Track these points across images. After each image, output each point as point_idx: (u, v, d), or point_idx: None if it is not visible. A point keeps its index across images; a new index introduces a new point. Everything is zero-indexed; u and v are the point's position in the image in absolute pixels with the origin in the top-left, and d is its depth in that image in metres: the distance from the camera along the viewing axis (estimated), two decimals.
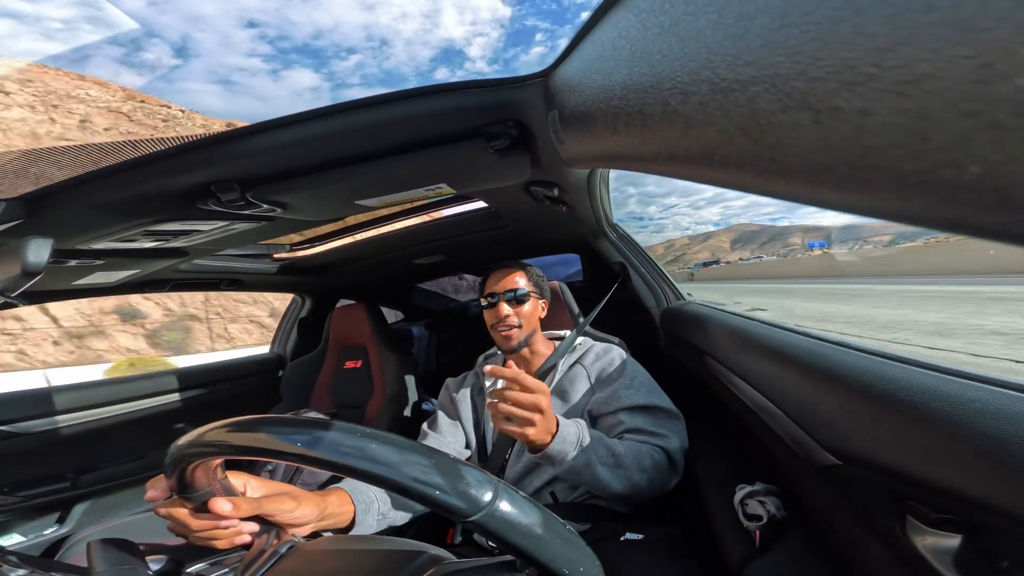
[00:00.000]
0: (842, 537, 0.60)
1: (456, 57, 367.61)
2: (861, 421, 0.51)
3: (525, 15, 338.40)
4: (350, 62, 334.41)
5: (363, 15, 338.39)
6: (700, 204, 67.18)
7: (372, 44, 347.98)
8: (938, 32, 0.13)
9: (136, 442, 1.53)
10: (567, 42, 0.50)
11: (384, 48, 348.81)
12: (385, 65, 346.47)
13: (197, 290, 1.63)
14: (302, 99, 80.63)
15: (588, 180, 1.03)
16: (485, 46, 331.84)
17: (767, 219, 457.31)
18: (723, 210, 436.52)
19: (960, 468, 0.40)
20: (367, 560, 0.42)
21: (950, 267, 18.88)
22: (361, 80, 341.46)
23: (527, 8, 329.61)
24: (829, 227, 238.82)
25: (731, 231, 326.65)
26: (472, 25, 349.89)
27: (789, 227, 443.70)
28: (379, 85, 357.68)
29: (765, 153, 0.22)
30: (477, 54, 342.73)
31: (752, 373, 0.78)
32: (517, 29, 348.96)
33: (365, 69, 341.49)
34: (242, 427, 0.36)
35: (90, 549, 0.42)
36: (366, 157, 0.75)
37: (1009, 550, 0.40)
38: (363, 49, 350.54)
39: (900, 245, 71.85)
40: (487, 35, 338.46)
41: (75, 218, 0.79)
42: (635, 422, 0.89)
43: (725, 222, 26.81)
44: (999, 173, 0.13)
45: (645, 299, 1.45)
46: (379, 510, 0.77)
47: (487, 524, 0.32)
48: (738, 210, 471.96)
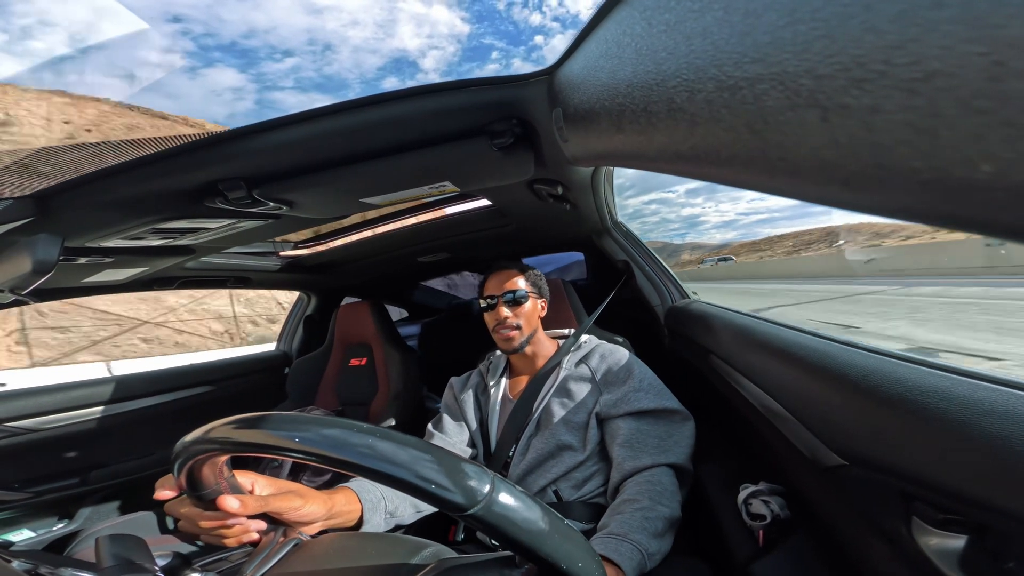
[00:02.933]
0: (847, 537, 0.60)
1: (407, 68, 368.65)
2: (868, 421, 0.51)
3: (483, 33, 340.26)
4: (285, 64, 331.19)
5: (308, 19, 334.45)
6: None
7: (313, 48, 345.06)
8: (949, 28, 0.13)
9: (144, 439, 1.54)
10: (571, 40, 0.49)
11: (327, 53, 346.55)
12: (326, 70, 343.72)
13: (204, 287, 1.65)
14: (220, 99, 77.73)
15: (592, 178, 1.02)
16: (439, 59, 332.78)
17: (674, 235, 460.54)
18: (640, 225, 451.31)
19: (967, 469, 0.40)
20: (369, 556, 0.43)
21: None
22: (295, 83, 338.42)
23: (486, 27, 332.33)
24: (732, 242, 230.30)
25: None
26: (428, 38, 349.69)
27: (682, 244, 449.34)
28: (315, 90, 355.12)
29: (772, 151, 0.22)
30: (430, 66, 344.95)
31: (758, 372, 0.77)
32: (474, 46, 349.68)
33: (301, 72, 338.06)
34: (246, 424, 0.36)
35: (98, 545, 0.42)
36: (371, 155, 0.75)
37: (1015, 551, 0.39)
38: (302, 53, 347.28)
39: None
40: (443, 49, 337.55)
41: (84, 216, 0.80)
42: (642, 429, 0.89)
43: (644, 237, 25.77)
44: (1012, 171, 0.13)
45: (649, 297, 1.44)
46: (386, 509, 0.77)
47: (484, 518, 0.32)
48: (651, 225, 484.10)
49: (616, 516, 0.76)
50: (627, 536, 0.71)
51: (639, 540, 0.70)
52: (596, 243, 1.67)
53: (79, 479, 1.40)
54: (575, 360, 1.05)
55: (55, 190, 0.72)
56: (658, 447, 0.87)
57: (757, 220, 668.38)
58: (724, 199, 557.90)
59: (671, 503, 0.78)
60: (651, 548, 0.70)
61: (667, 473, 0.84)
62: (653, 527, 0.73)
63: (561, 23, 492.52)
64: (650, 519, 0.74)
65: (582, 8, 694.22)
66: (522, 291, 1.06)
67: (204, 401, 1.71)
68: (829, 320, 7.84)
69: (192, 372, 1.72)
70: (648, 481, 0.82)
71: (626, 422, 0.91)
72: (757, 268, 39.25)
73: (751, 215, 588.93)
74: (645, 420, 0.91)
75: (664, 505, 0.77)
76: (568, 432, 0.94)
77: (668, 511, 0.76)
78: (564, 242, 1.87)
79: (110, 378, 1.54)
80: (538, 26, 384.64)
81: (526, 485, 0.92)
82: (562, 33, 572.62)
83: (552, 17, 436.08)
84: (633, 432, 0.89)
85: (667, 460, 0.85)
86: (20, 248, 0.77)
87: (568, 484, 0.91)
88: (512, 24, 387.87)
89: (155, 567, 0.43)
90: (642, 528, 0.73)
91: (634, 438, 0.88)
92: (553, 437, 0.94)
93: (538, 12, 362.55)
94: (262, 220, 0.98)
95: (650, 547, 0.70)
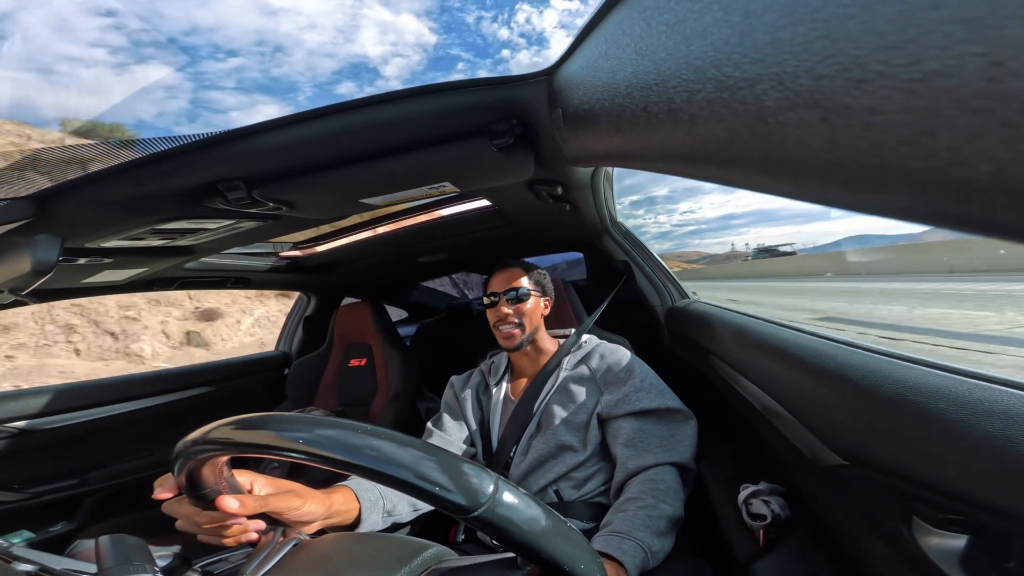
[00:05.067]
0: (847, 537, 0.60)
1: (366, 74, 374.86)
2: (867, 421, 0.51)
3: (450, 44, 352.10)
4: (228, 64, 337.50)
5: (260, 19, 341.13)
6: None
7: (262, 50, 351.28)
8: (948, 29, 0.13)
9: (143, 439, 1.54)
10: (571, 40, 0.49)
11: (277, 55, 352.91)
12: (274, 72, 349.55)
13: (204, 288, 1.65)
14: (149, 96, 76.29)
15: (592, 178, 1.02)
16: (403, 67, 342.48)
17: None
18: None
19: (967, 469, 0.40)
20: (370, 557, 0.43)
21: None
22: (237, 84, 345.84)
23: (453, 39, 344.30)
24: (667, 252, 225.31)
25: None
26: (393, 46, 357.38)
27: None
28: (259, 91, 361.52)
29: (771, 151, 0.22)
30: (392, 74, 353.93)
31: (758, 373, 0.77)
32: (440, 56, 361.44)
33: (245, 73, 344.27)
34: (247, 425, 0.36)
35: (98, 545, 0.42)
36: (371, 155, 0.75)
37: (1015, 551, 0.39)
38: (249, 53, 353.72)
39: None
40: (407, 57, 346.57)
41: (84, 216, 0.80)
42: (645, 429, 0.89)
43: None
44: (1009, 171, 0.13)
45: (649, 297, 1.44)
46: (384, 507, 0.77)
47: (488, 519, 0.32)
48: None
49: (619, 514, 0.76)
50: (630, 534, 0.71)
51: (642, 538, 0.70)
52: (596, 243, 1.67)
53: (79, 480, 1.40)
54: (575, 360, 1.05)
55: (55, 191, 0.72)
56: (661, 446, 0.87)
57: (688, 232, 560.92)
58: (662, 211, 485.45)
59: (674, 502, 0.78)
60: (654, 546, 0.70)
61: (670, 472, 0.84)
62: (656, 525, 0.73)
63: (527, 39, 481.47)
64: (653, 517, 0.74)
65: (547, 26, 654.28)
66: (524, 289, 1.06)
67: (204, 402, 1.71)
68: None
69: (192, 373, 1.72)
70: (651, 480, 0.82)
71: (628, 422, 0.91)
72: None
73: (684, 226, 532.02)
74: (647, 419, 0.91)
75: (667, 504, 0.77)
76: (568, 432, 0.94)
77: (671, 509, 0.76)
78: (564, 242, 1.87)
79: (110, 378, 1.54)
80: (505, 40, 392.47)
81: (527, 485, 0.93)
82: (527, 49, 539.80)
83: (519, 33, 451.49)
84: (636, 431, 0.89)
85: (670, 459, 0.85)
86: (20, 249, 0.77)
87: (569, 484, 0.91)
88: (480, 37, 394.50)
89: (155, 568, 0.43)
90: (645, 526, 0.73)
91: (637, 437, 0.89)
92: (554, 437, 0.94)
93: (506, 27, 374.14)
94: (262, 221, 0.98)
95: (653, 545, 0.70)
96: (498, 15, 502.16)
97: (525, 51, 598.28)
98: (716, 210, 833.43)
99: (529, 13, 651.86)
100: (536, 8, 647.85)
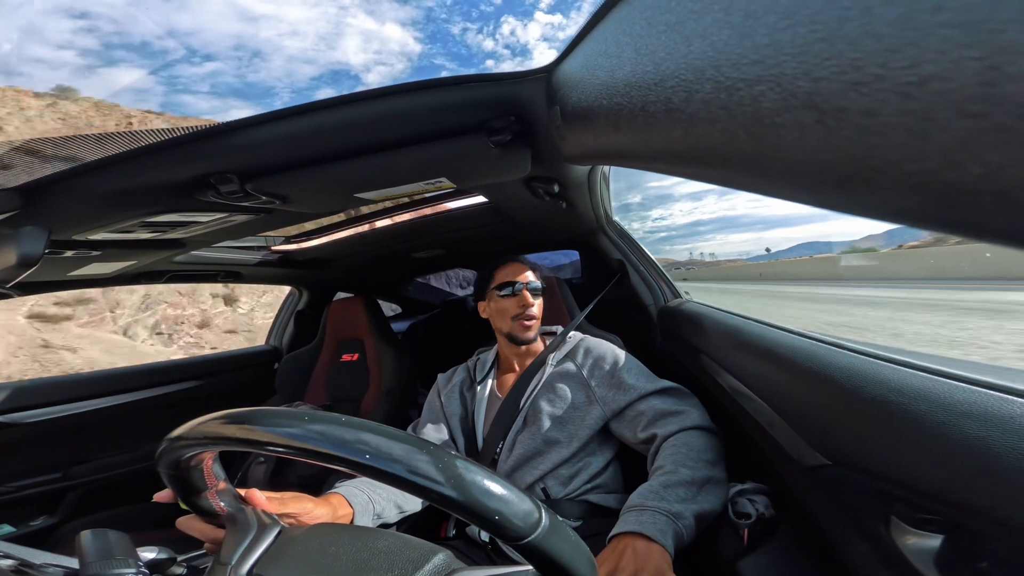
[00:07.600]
0: (829, 536, 0.60)
1: (347, 80, 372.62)
2: (851, 422, 0.52)
3: (435, 54, 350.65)
4: (203, 68, 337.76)
5: (239, 25, 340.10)
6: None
7: (240, 55, 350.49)
8: (948, 33, 0.13)
9: (129, 434, 1.52)
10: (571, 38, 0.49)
11: (255, 61, 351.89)
12: (251, 77, 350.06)
13: (194, 282, 1.62)
14: (117, 99, 73.30)
15: (589, 177, 1.02)
16: (385, 75, 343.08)
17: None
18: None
19: (944, 470, 0.40)
20: (377, 559, 0.40)
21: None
22: (210, 88, 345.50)
23: (438, 48, 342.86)
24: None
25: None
26: (376, 54, 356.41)
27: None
28: (232, 95, 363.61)
29: (768, 152, 0.22)
30: (374, 81, 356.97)
31: (745, 372, 0.78)
32: (424, 65, 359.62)
33: (220, 78, 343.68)
34: (250, 420, 0.35)
35: (80, 540, 0.41)
36: (366, 150, 0.74)
37: (988, 551, 0.40)
38: (226, 58, 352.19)
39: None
40: (391, 66, 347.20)
41: (71, 209, 0.78)
42: (658, 406, 0.90)
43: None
44: (1000, 175, 0.13)
45: (643, 296, 1.45)
46: (374, 511, 0.78)
47: (540, 546, 0.32)
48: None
49: (640, 488, 0.77)
50: (644, 505, 0.71)
51: (656, 505, 0.70)
52: (591, 242, 1.67)
53: (62, 474, 1.37)
54: (560, 356, 1.06)
55: (42, 182, 0.70)
56: (674, 414, 0.88)
57: (660, 238, 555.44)
58: (635, 218, 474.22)
59: (695, 464, 0.77)
60: (673, 508, 0.70)
61: (692, 435, 0.84)
62: (675, 493, 0.73)
63: (511, 50, 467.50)
64: (670, 484, 0.74)
65: (531, 39, 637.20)
66: (538, 284, 1.09)
67: (192, 396, 1.69)
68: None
69: (180, 367, 1.69)
70: (673, 446, 0.83)
71: (638, 407, 0.92)
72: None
73: (656, 232, 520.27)
74: (656, 399, 0.92)
75: (687, 467, 0.76)
76: (554, 428, 0.95)
77: (690, 473, 0.76)
78: (559, 240, 1.87)
79: (96, 371, 1.51)
80: (490, 51, 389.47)
81: (514, 482, 0.93)
82: (511, 60, 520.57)
83: (504, 44, 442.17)
84: (646, 411, 0.91)
85: (686, 424, 0.86)
86: (5, 241, 0.76)
87: (555, 481, 0.92)
88: (465, 47, 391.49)
89: (139, 562, 0.42)
90: (660, 495, 0.73)
91: (652, 415, 0.90)
92: (539, 433, 0.94)
93: (491, 39, 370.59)
94: (254, 214, 0.97)
95: (672, 508, 0.70)
96: (483, 26, 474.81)
97: (509, 62, 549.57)
98: (685, 217, 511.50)
99: (514, 26, 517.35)
100: (520, 21, 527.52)
